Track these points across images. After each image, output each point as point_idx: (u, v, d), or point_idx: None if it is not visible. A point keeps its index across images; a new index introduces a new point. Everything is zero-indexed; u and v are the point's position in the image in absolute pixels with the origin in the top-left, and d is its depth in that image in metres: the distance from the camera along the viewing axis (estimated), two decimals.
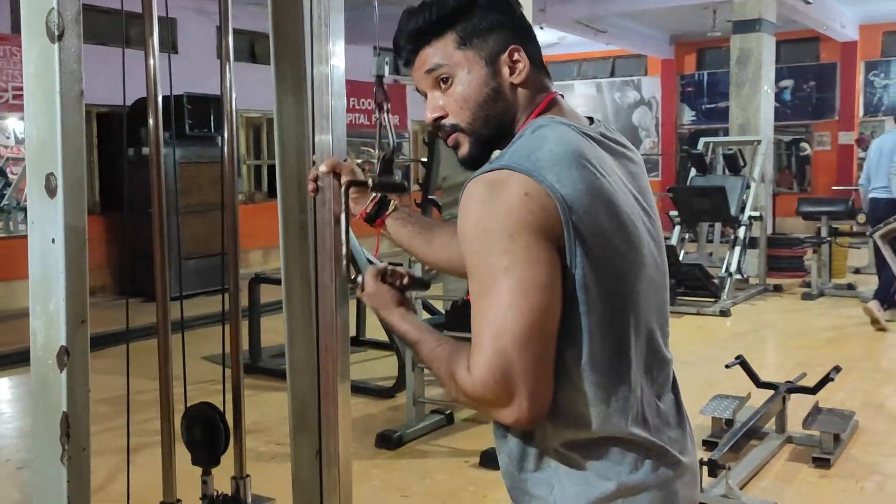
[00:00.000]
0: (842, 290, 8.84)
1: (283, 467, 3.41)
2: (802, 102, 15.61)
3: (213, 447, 2.03)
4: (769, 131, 10.84)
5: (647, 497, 1.26)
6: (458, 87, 1.33)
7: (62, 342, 1.59)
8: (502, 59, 1.32)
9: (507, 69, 1.32)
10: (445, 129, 1.36)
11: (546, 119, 1.31)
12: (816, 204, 9.57)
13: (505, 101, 1.33)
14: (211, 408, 2.08)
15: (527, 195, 1.17)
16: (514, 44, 1.32)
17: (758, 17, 10.45)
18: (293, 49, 2.08)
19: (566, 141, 1.24)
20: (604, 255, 1.20)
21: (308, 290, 2.13)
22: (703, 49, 16.07)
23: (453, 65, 1.32)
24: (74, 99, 1.58)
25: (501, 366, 1.16)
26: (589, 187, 1.20)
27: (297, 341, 2.14)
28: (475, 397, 1.20)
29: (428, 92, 1.37)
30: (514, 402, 1.17)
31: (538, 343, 1.17)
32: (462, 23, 1.32)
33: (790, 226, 12.64)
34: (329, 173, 1.64)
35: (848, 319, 7.71)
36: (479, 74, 1.32)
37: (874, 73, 15.29)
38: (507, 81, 1.33)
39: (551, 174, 1.18)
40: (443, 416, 4.83)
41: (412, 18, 1.35)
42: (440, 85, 1.34)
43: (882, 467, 4.13)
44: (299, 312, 2.14)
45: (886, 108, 14.92)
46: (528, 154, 1.22)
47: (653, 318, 1.31)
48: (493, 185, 1.20)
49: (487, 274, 1.19)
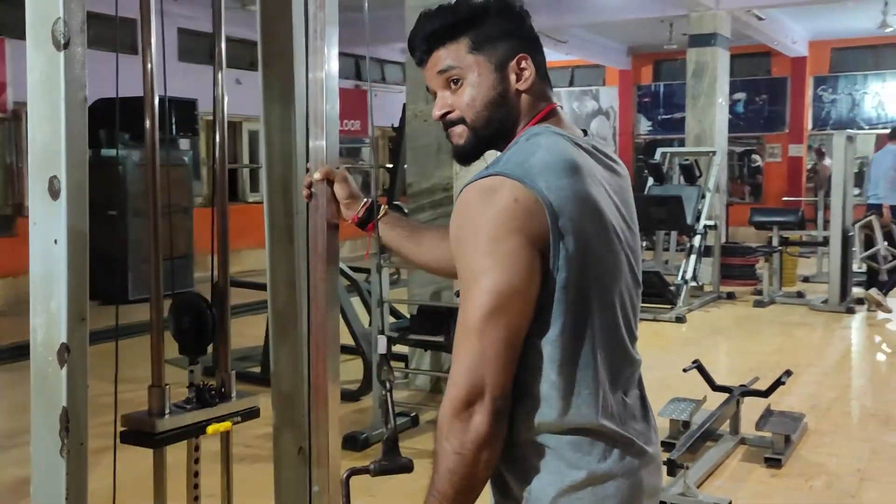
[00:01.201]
0: (791, 298, 9.12)
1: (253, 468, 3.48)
2: (754, 115, 16.04)
3: (200, 336, 2.09)
4: (724, 142, 11.13)
5: (615, 485, 1.35)
6: (468, 89, 1.41)
7: (63, 339, 1.64)
8: (510, 65, 1.41)
9: (514, 76, 1.41)
10: (450, 122, 1.44)
11: (541, 128, 1.40)
12: (768, 214, 9.86)
13: (509, 106, 1.42)
14: (198, 297, 2.14)
15: (516, 201, 1.27)
16: (522, 52, 1.42)
17: (713, 31, 10.74)
18: (281, 56, 2.14)
19: (557, 150, 1.34)
20: (585, 259, 1.30)
21: (293, 293, 2.20)
22: (660, 61, 16.41)
23: (464, 67, 1.41)
24: (79, 105, 1.63)
25: (471, 361, 1.26)
26: (576, 194, 1.29)
27: (283, 342, 2.21)
28: (453, 407, 1.26)
29: (438, 91, 1.46)
30: (486, 392, 1.26)
31: (504, 338, 1.27)
32: (475, 28, 1.41)
33: (742, 235, 12.98)
34: (323, 180, 1.72)
35: (797, 326, 7.97)
36: (487, 78, 1.41)
37: (822, 87, 15.77)
38: (513, 87, 1.42)
39: (541, 180, 1.28)
40: (408, 418, 4.90)
41: (429, 21, 1.44)
42: (450, 85, 1.43)
43: (829, 467, 4.31)
44: (284, 314, 2.21)
45: (834, 122, 15.40)
46: (520, 161, 1.32)
47: (624, 321, 1.41)
48: (485, 191, 1.30)
49: (470, 275, 1.29)
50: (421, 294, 5.61)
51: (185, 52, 10.32)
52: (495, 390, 1.27)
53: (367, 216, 1.73)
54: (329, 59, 1.71)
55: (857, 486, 4.04)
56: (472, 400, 1.26)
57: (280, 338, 2.23)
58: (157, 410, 1.99)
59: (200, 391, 2.05)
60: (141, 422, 1.97)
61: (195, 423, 2.04)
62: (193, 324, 2.08)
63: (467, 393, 1.26)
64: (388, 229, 1.73)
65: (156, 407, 1.99)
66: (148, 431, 1.95)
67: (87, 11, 1.64)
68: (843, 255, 8.55)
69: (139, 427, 1.97)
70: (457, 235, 1.32)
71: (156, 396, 2.00)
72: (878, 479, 4.15)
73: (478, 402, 1.26)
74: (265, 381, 5.53)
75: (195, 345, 2.10)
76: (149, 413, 1.99)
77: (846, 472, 4.24)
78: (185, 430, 2.01)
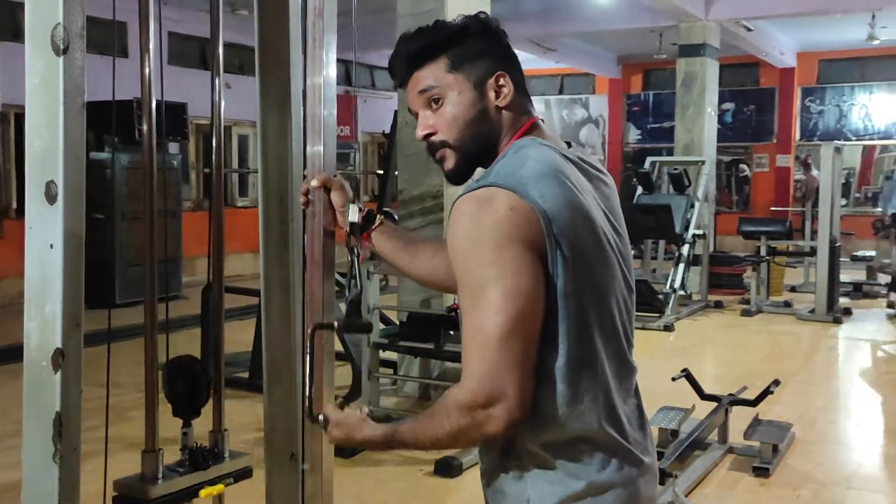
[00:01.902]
0: (779, 308, 9.17)
1: None
2: (742, 125, 16.13)
3: (194, 399, 2.09)
4: (712, 152, 11.19)
5: (613, 494, 1.36)
6: (448, 108, 1.43)
7: (57, 344, 1.64)
8: (489, 83, 1.43)
9: (493, 93, 1.43)
10: (434, 146, 1.46)
11: (527, 140, 1.42)
12: (756, 224, 9.93)
13: (490, 123, 1.44)
14: (192, 360, 2.14)
15: (512, 209, 1.28)
16: (500, 70, 1.44)
17: (702, 41, 10.81)
18: (278, 62, 2.16)
19: (547, 160, 1.36)
20: (581, 266, 1.32)
21: (287, 298, 2.20)
22: (649, 70, 16.49)
23: (444, 86, 1.43)
24: (77, 110, 1.64)
25: (490, 369, 1.26)
26: (568, 203, 1.31)
27: (276, 348, 2.21)
28: (468, 403, 1.28)
29: (420, 111, 1.47)
30: (503, 400, 1.26)
31: (523, 346, 1.28)
32: (454, 48, 1.43)
33: (730, 244, 13.05)
34: (320, 188, 1.73)
35: (784, 336, 8.02)
36: (467, 97, 1.43)
37: (810, 98, 15.88)
38: (493, 104, 1.43)
39: (535, 190, 1.29)
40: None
41: (409, 43, 1.47)
42: (431, 105, 1.45)
43: (817, 476, 4.33)
44: (278, 320, 2.21)
45: (822, 133, 15.51)
46: (512, 172, 1.33)
47: (622, 327, 1.42)
48: (481, 202, 1.31)
49: (477, 284, 1.29)
50: (411, 301, 5.61)
51: (175, 55, 10.30)
52: (520, 398, 1.27)
53: (363, 225, 1.74)
54: (327, 67, 1.71)
55: (844, 495, 4.07)
56: (488, 405, 1.27)
57: (273, 344, 2.24)
58: (150, 475, 2.00)
59: (194, 454, 2.06)
60: (133, 488, 1.98)
61: (188, 488, 2.05)
62: (188, 387, 2.09)
63: (485, 399, 1.27)
64: (383, 240, 1.74)
65: (149, 472, 2.00)
66: (140, 498, 1.95)
67: None
68: (830, 266, 8.61)
69: (132, 493, 1.97)
70: (456, 246, 1.33)
71: (149, 462, 2.01)
72: (864, 487, 4.19)
73: (493, 408, 1.27)
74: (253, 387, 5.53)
75: (189, 408, 2.11)
76: (141, 478, 2.00)
77: (833, 481, 4.27)
78: (177, 495, 2.02)
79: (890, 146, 15.37)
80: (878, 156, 15.46)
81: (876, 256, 11.04)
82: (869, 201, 15.14)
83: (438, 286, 1.81)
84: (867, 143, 15.29)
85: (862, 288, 10.24)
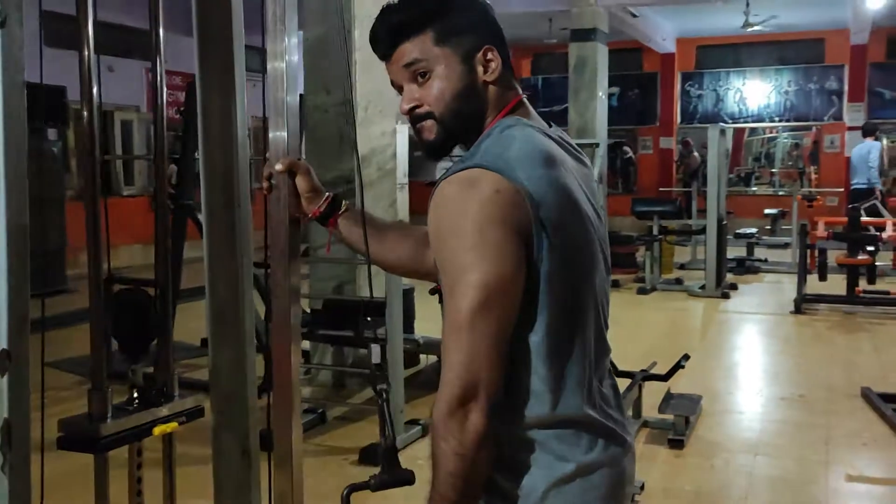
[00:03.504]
0: (671, 285, 9.52)
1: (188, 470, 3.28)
2: (628, 108, 16.63)
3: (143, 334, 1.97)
4: (605, 134, 11.47)
5: (601, 474, 1.35)
6: (436, 82, 1.38)
7: (3, 345, 1.50)
8: (477, 57, 1.39)
9: (481, 67, 1.39)
10: (417, 117, 1.41)
11: (513, 120, 1.39)
12: (649, 204, 10.25)
13: (477, 97, 1.40)
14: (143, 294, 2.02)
15: (498, 192, 1.25)
16: (488, 44, 1.40)
17: (593, 27, 11.04)
18: (220, 42, 2.04)
19: (533, 141, 1.34)
20: (567, 249, 1.30)
21: (234, 289, 2.10)
22: (539, 54, 16.76)
23: (431, 60, 1.38)
24: (17, 88, 1.50)
25: (465, 358, 1.24)
26: (554, 185, 1.29)
27: (223, 341, 2.11)
28: (448, 403, 1.24)
29: (405, 85, 1.42)
30: (480, 389, 1.24)
31: (498, 332, 1.25)
32: (440, 21, 1.38)
33: (618, 224, 13.45)
34: (285, 171, 1.65)
35: (680, 312, 8.34)
36: (455, 70, 1.38)
37: (690, 83, 16.53)
38: (481, 79, 1.40)
39: (521, 172, 1.27)
40: (315, 414, 4.81)
41: (393, 15, 1.40)
42: (417, 79, 1.40)
43: (726, 445, 4.53)
44: (224, 311, 2.11)
45: (700, 117, 16.18)
46: (498, 153, 1.30)
47: (601, 309, 1.42)
48: (465, 183, 1.27)
49: (458, 268, 1.26)
50: (323, 287, 5.51)
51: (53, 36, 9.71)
52: (490, 386, 1.25)
53: (329, 211, 1.67)
54: (289, 48, 1.63)
55: (753, 462, 4.26)
56: (468, 398, 1.24)
57: (219, 336, 2.13)
58: (99, 414, 1.85)
59: (144, 391, 1.93)
60: (81, 426, 1.83)
61: (140, 426, 1.91)
62: (136, 321, 1.96)
63: (463, 391, 1.24)
64: (349, 226, 1.68)
65: (97, 410, 1.85)
66: (90, 436, 1.81)
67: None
68: (718, 243, 9.00)
69: (80, 432, 1.83)
70: (438, 229, 1.29)
71: (97, 399, 1.86)
72: (771, 454, 4.40)
73: (473, 400, 1.24)
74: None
75: (137, 344, 1.97)
76: (89, 417, 1.85)
77: (741, 449, 4.47)
78: (129, 433, 1.88)
79: (758, 129, 16.18)
80: (747, 138, 16.24)
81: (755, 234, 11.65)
82: (741, 181, 15.90)
83: (403, 272, 1.77)
84: (741, 126, 16.02)
85: (745, 263, 10.76)
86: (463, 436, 1.24)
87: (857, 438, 4.57)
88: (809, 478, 4.07)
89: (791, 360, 6.48)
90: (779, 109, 15.90)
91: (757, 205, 14.48)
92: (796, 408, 5.18)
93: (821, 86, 15.55)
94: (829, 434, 4.63)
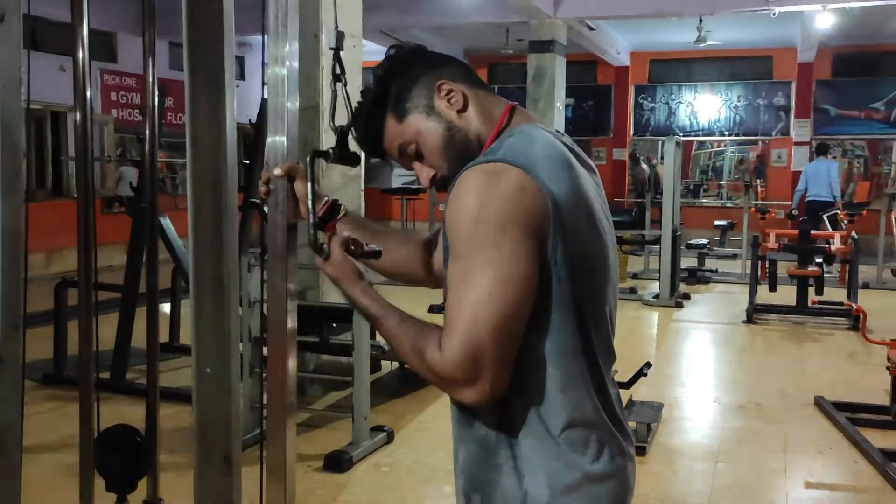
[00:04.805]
0: (626, 294, 9.64)
1: None
2: (582, 119, 16.83)
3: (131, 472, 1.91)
4: None
5: (608, 485, 1.36)
6: (426, 150, 1.44)
7: None
8: (436, 101, 1.43)
9: (444, 107, 1.43)
10: (441, 183, 1.46)
11: (529, 126, 1.41)
12: None
13: (460, 131, 1.43)
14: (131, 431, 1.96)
15: (522, 189, 1.27)
16: (437, 81, 1.43)
17: (552, 38, 11.16)
18: (210, 43, 2.02)
19: (554, 144, 1.36)
20: (581, 253, 1.32)
21: (221, 294, 2.08)
22: (495, 64, 16.86)
23: (409, 137, 1.44)
24: (15, 86, 1.47)
25: (473, 349, 1.25)
26: (573, 188, 1.31)
27: (207, 346, 2.08)
28: (443, 375, 1.27)
29: (413, 165, 1.48)
30: (478, 384, 1.26)
31: (509, 332, 1.27)
32: (389, 100, 1.44)
33: None
34: (283, 176, 1.64)
35: (635, 321, 8.45)
36: (429, 128, 1.43)
37: (643, 96, 16.79)
38: (452, 114, 1.43)
39: (543, 171, 1.28)
40: None
41: (358, 132, 1.51)
42: (416, 156, 1.46)
43: (688, 452, 4.61)
44: (210, 316, 2.08)
45: (653, 129, 16.46)
46: (522, 150, 1.31)
47: (609, 315, 1.44)
48: (490, 175, 1.28)
49: (474, 260, 1.26)
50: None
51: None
52: (496, 384, 1.27)
53: (327, 216, 1.67)
54: (291, 51, 1.62)
55: (714, 468, 4.35)
56: (465, 383, 1.26)
57: (204, 343, 2.10)
58: None
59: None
60: None
61: None
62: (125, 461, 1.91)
63: (464, 376, 1.26)
64: (349, 230, 1.67)
65: None
66: None
67: None
68: (672, 253, 9.16)
69: None
70: (457, 218, 1.29)
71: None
72: (731, 461, 4.48)
73: (469, 387, 1.27)
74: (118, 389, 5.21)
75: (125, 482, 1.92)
76: None
77: (702, 456, 4.55)
78: None
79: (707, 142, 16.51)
80: (694, 151, 16.56)
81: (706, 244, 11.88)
82: (690, 193, 16.20)
83: (404, 277, 1.77)
84: (692, 139, 16.33)
85: (696, 274, 10.97)
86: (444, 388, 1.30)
87: (813, 446, 4.68)
88: (769, 485, 4.16)
89: (745, 369, 6.62)
90: (728, 123, 16.25)
91: (706, 216, 14.79)
92: (753, 416, 5.29)
93: (769, 101, 15.94)
94: (787, 442, 4.75)
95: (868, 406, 5.24)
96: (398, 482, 4.17)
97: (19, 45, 1.47)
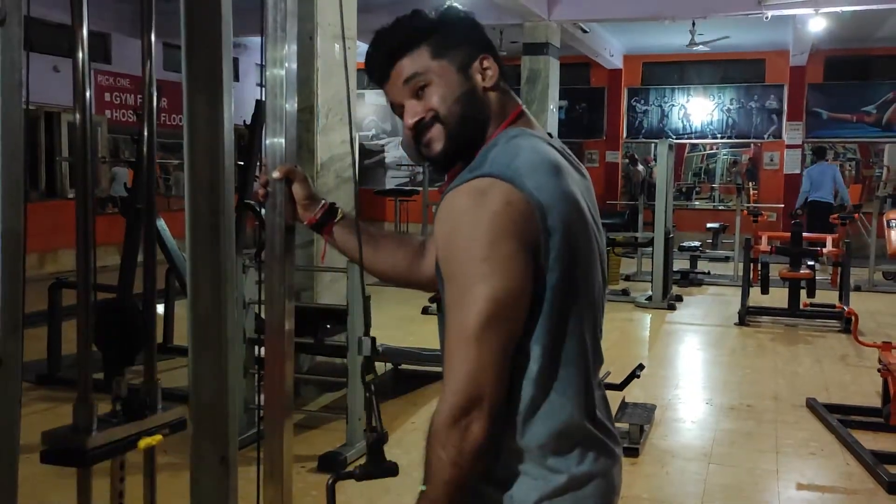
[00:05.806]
0: (618, 296, 9.64)
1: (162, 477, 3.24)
2: (575, 122, 16.86)
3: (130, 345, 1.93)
4: None
5: (593, 486, 1.37)
6: (435, 89, 1.41)
7: None
8: (474, 66, 1.43)
9: (479, 76, 1.43)
10: (424, 127, 1.42)
11: (517, 130, 1.41)
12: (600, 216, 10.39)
13: (479, 103, 1.42)
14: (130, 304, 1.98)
15: (509, 204, 1.27)
16: (483, 53, 1.44)
17: (546, 41, 11.19)
18: (208, 45, 2.03)
19: (540, 151, 1.36)
20: (573, 260, 1.32)
21: (217, 296, 2.08)
22: None
23: (430, 73, 1.41)
24: (15, 88, 1.47)
25: (472, 368, 1.26)
26: (562, 194, 1.32)
27: (204, 348, 2.08)
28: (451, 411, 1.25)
29: (405, 102, 1.44)
30: (484, 401, 1.26)
31: (504, 346, 1.28)
32: (434, 36, 1.42)
33: None
34: (282, 179, 1.65)
35: (628, 322, 8.47)
36: (453, 80, 1.42)
37: (636, 99, 16.84)
38: (480, 86, 1.43)
39: (530, 181, 1.29)
40: None
41: (388, 35, 1.44)
42: (418, 94, 1.42)
43: (680, 453, 4.62)
44: (207, 319, 2.09)
45: (646, 132, 16.50)
46: (507, 163, 1.32)
47: (597, 319, 1.45)
48: (476, 194, 1.29)
49: (467, 280, 1.27)
50: None
51: None
52: (493, 399, 1.27)
53: (325, 219, 1.68)
54: (289, 53, 1.63)
55: (706, 469, 4.37)
56: (471, 408, 1.25)
57: (201, 343, 2.11)
58: (85, 426, 1.81)
59: (129, 403, 1.89)
60: (67, 439, 1.79)
61: (126, 438, 1.88)
62: (123, 332, 1.92)
63: (467, 401, 1.25)
64: (345, 234, 1.69)
65: (82, 422, 1.81)
66: (77, 449, 1.77)
67: None
68: (664, 255, 9.18)
69: (65, 445, 1.79)
70: (448, 240, 1.30)
71: (82, 411, 1.82)
72: (723, 462, 4.50)
73: (475, 410, 1.26)
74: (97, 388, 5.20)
75: (123, 355, 1.93)
76: (74, 429, 1.81)
77: (694, 457, 4.57)
78: (115, 445, 1.85)
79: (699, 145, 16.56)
80: (687, 154, 16.61)
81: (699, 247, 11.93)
82: (682, 196, 16.26)
83: (397, 281, 1.78)
84: (685, 142, 16.37)
85: (689, 276, 11.00)
86: (463, 446, 1.25)
87: (806, 448, 4.71)
88: (762, 486, 4.18)
89: (737, 371, 6.65)
90: (721, 126, 16.31)
91: (698, 219, 14.84)
92: (745, 417, 5.31)
93: (761, 104, 16.01)
94: (779, 443, 4.77)
95: (860, 408, 5.27)
96: (393, 483, 4.17)
97: (20, 47, 1.48)
